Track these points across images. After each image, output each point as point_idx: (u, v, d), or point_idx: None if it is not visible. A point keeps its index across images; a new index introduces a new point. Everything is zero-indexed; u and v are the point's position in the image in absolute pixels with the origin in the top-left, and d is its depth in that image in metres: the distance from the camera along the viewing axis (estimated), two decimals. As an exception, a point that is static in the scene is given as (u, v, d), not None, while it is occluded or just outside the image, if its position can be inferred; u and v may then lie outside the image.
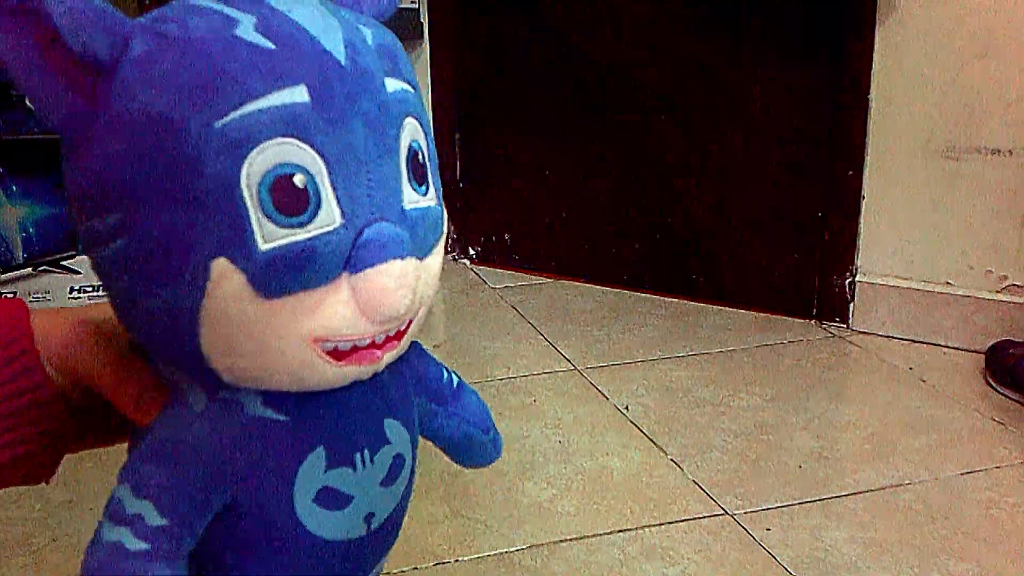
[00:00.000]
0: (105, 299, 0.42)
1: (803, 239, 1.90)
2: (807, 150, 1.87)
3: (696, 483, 1.29)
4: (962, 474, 1.31)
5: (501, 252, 2.33)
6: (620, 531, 1.17)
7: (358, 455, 0.43)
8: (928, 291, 1.77)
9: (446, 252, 2.44)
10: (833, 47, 1.79)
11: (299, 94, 0.36)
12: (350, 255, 0.37)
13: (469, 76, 2.28)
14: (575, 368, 1.69)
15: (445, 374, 0.54)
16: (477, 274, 2.28)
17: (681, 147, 2.02)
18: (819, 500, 1.24)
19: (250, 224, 0.36)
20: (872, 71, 1.74)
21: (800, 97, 1.85)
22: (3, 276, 2.12)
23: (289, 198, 0.36)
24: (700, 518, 1.20)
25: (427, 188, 0.42)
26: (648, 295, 2.10)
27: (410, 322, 0.42)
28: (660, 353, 1.76)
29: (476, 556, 1.13)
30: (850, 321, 1.86)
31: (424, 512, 1.22)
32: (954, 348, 1.75)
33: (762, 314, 1.96)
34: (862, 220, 1.82)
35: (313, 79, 0.37)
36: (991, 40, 1.63)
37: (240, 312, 0.37)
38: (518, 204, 2.28)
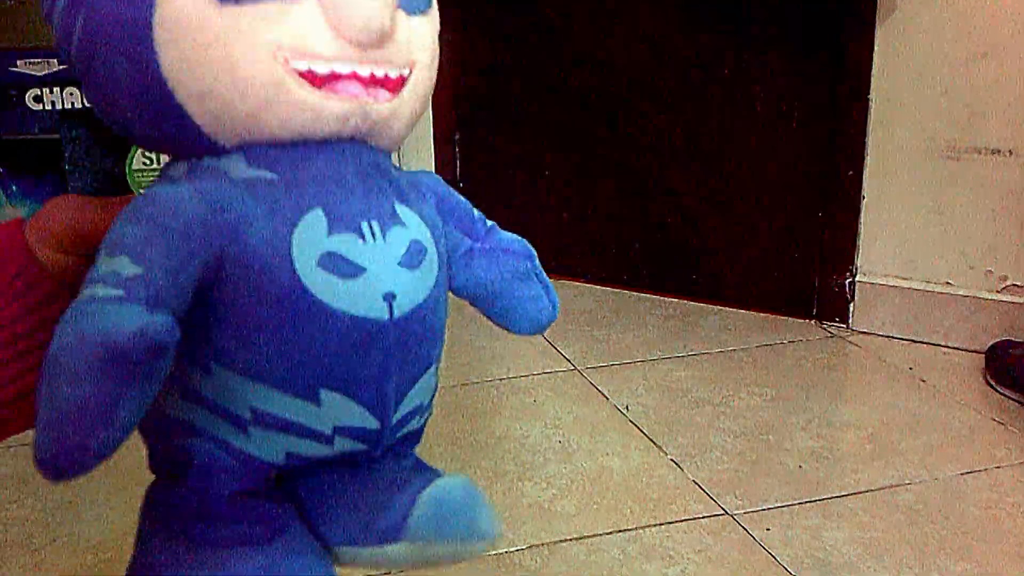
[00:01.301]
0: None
1: (803, 239, 1.90)
2: (807, 150, 1.87)
3: (696, 483, 1.29)
4: (962, 474, 1.31)
5: (501, 252, 2.32)
6: (620, 531, 1.17)
7: (365, 224, 0.41)
8: (928, 291, 1.77)
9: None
10: (833, 47, 1.79)
11: None
12: None
13: (469, 76, 2.28)
14: (575, 368, 1.69)
15: (476, 212, 0.51)
16: (477, 274, 2.28)
17: (681, 147, 2.02)
18: (819, 500, 1.24)
19: None
20: (872, 71, 1.74)
21: (800, 97, 1.85)
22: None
23: None
24: (700, 518, 1.20)
25: None
26: (648, 295, 2.10)
27: (403, 77, 0.42)
28: (660, 353, 1.76)
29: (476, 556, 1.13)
30: (850, 321, 1.86)
31: (424, 512, 1.22)
32: (954, 348, 1.75)
33: (762, 314, 1.96)
34: (862, 220, 1.82)
35: None
36: (991, 40, 1.63)
37: (198, 18, 0.36)
38: (518, 204, 2.28)
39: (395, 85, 0.41)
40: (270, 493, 0.44)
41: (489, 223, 0.51)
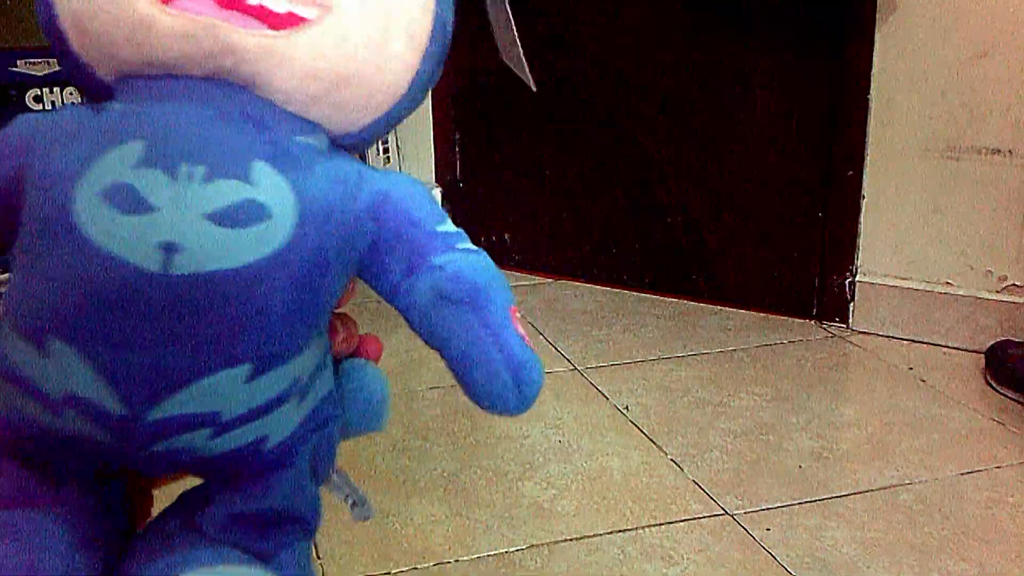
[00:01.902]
0: None
1: (803, 239, 1.90)
2: (807, 150, 1.87)
3: (696, 483, 1.29)
4: (962, 474, 1.31)
5: (501, 252, 2.33)
6: (620, 531, 1.17)
7: (186, 166, 0.35)
8: (928, 291, 1.77)
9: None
10: (833, 47, 1.79)
11: None
12: None
13: (469, 76, 2.28)
14: (575, 368, 1.69)
15: (451, 226, 0.42)
16: (477, 274, 2.29)
17: (681, 147, 2.02)
18: (819, 500, 1.24)
19: None
20: (872, 71, 1.74)
21: (800, 97, 1.85)
22: (3, 276, 2.12)
23: None
24: (700, 518, 1.20)
25: None
26: (648, 295, 2.10)
27: (296, 18, 0.37)
28: (660, 353, 1.76)
29: (476, 556, 1.13)
30: (850, 321, 1.86)
31: (424, 512, 1.22)
32: (954, 348, 1.75)
33: (762, 314, 1.96)
34: (862, 220, 1.82)
35: None
36: (991, 40, 1.63)
37: None
38: (518, 204, 2.28)
39: (279, 21, 0.36)
40: (54, 473, 0.37)
41: (469, 246, 0.41)
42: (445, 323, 0.41)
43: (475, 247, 0.41)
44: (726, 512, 1.22)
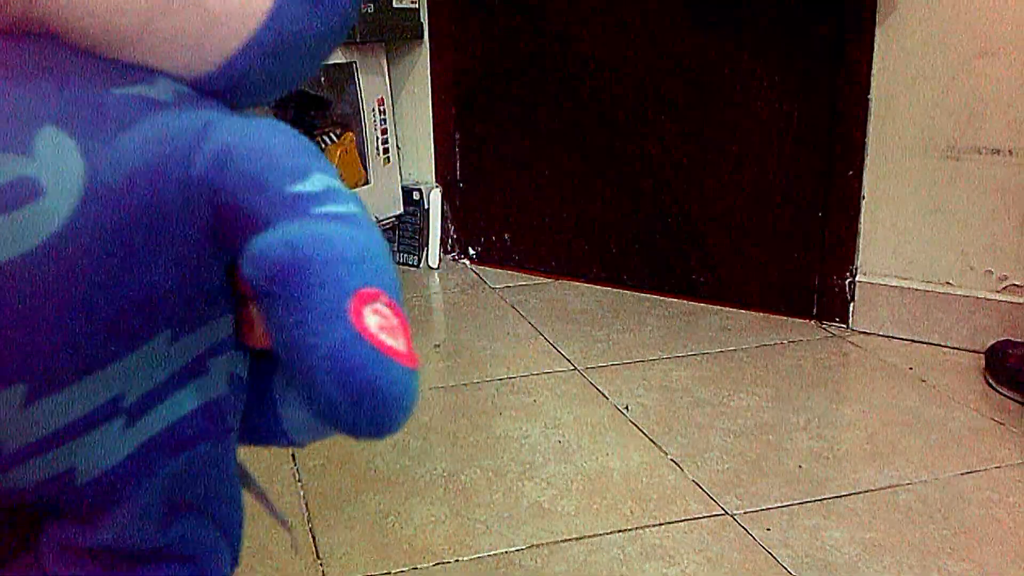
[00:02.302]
0: None
1: (803, 239, 1.90)
2: (807, 150, 1.87)
3: (696, 483, 1.29)
4: (962, 474, 1.31)
5: (501, 252, 2.33)
6: (620, 531, 1.17)
7: None
8: (928, 291, 1.77)
9: (446, 252, 2.45)
10: (833, 47, 1.79)
11: None
12: None
13: (469, 76, 2.28)
14: (575, 368, 1.69)
15: (314, 184, 0.32)
16: (477, 274, 2.28)
17: (681, 147, 2.02)
18: (819, 500, 1.24)
19: None
20: (872, 71, 1.74)
21: (800, 97, 1.85)
22: None
23: None
24: (700, 518, 1.20)
25: None
26: (648, 295, 2.10)
27: None
28: (660, 353, 1.76)
29: (476, 556, 1.13)
30: (850, 321, 1.86)
31: (424, 512, 1.22)
32: (954, 348, 1.75)
33: (762, 314, 1.96)
34: (862, 220, 1.82)
35: None
36: (991, 40, 1.63)
37: None
38: (518, 204, 2.28)
39: None
40: None
41: (331, 209, 0.31)
42: (268, 320, 0.31)
43: (347, 211, 0.31)
44: (726, 512, 1.22)
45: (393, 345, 0.31)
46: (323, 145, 2.22)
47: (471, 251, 2.38)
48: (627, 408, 1.52)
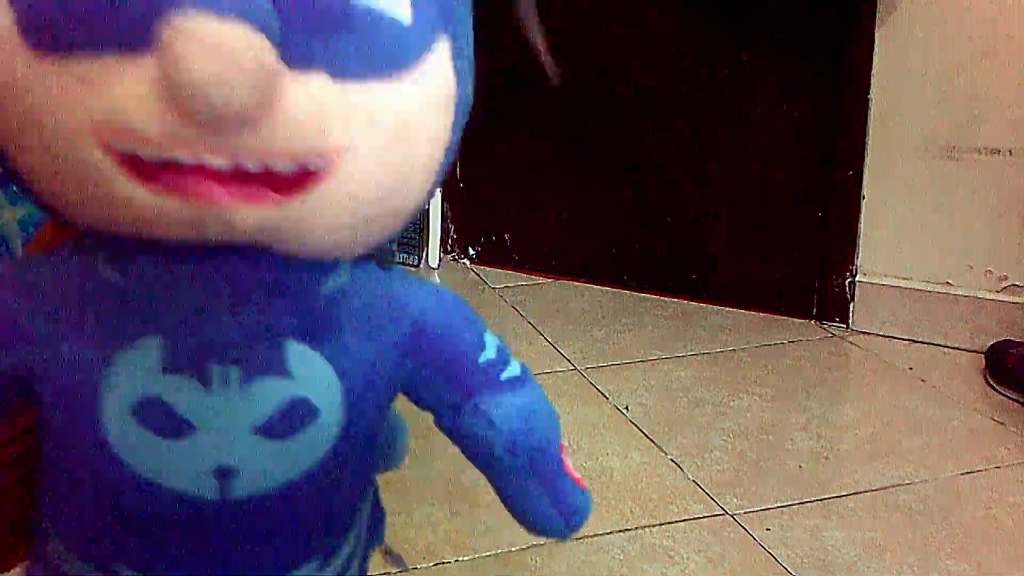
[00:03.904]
0: None
1: (803, 239, 1.90)
2: (807, 150, 1.87)
3: (696, 483, 1.29)
4: (962, 474, 1.30)
5: (501, 252, 2.33)
6: (620, 531, 1.17)
7: (216, 367, 0.30)
8: (928, 291, 1.77)
9: (446, 252, 2.46)
10: (833, 47, 1.79)
11: None
12: (160, 9, 0.25)
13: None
14: (575, 368, 1.69)
15: (492, 350, 0.38)
16: (477, 274, 2.28)
17: (681, 147, 2.02)
18: (819, 500, 1.24)
19: None
20: (872, 71, 1.74)
21: (800, 97, 1.85)
22: None
23: None
24: (700, 518, 1.20)
25: None
26: (648, 295, 2.10)
27: (307, 174, 0.29)
28: (660, 353, 1.76)
29: (476, 556, 1.13)
30: (850, 321, 1.86)
31: (424, 512, 1.22)
32: (954, 348, 1.75)
33: (762, 314, 1.96)
34: (862, 220, 1.82)
35: None
36: (991, 40, 1.63)
37: (7, 68, 0.27)
38: (518, 204, 2.28)
39: (288, 183, 0.29)
40: None
41: (513, 370, 0.38)
42: (499, 478, 0.42)
43: (517, 371, 0.39)
44: (726, 512, 1.22)
45: (579, 477, 0.42)
46: (323, 145, 2.21)
47: (471, 251, 2.37)
48: (627, 408, 1.52)
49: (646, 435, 1.43)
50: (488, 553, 1.13)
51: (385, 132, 0.30)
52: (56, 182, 0.28)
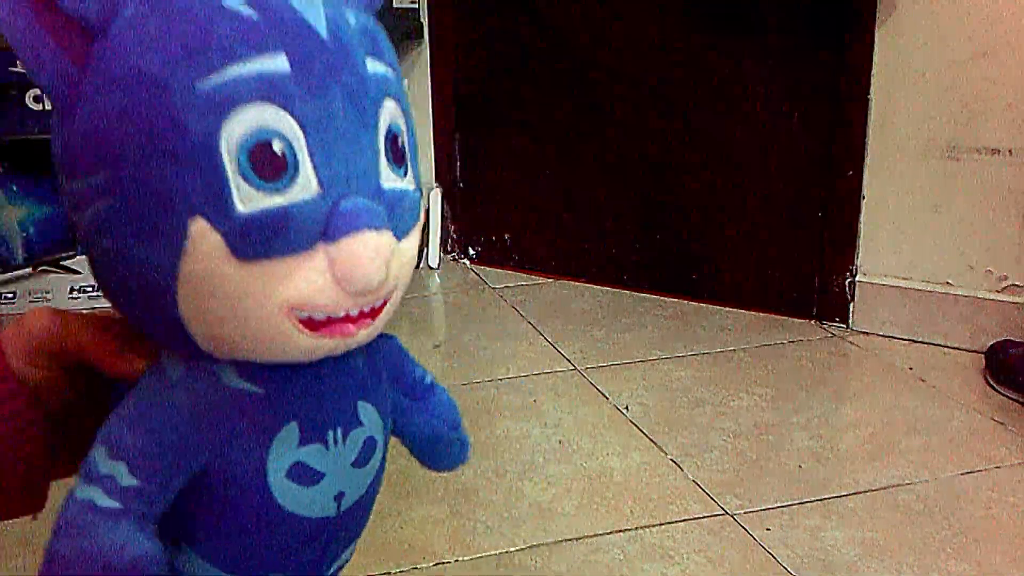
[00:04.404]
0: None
1: (803, 239, 1.90)
2: (807, 150, 1.87)
3: (696, 483, 1.29)
4: (962, 474, 1.31)
5: (501, 252, 2.33)
6: (620, 531, 1.17)
7: (330, 433, 0.44)
8: (928, 291, 1.77)
9: (446, 252, 2.45)
10: (833, 47, 1.79)
11: (280, 62, 0.37)
12: (327, 225, 0.37)
13: (469, 76, 2.28)
14: (575, 368, 1.69)
15: (419, 371, 0.55)
16: (477, 274, 2.28)
17: (681, 147, 2.02)
18: (819, 500, 1.24)
19: (228, 185, 0.36)
20: (872, 71, 1.74)
21: (800, 97, 1.85)
22: (3, 276, 2.12)
23: (267, 162, 0.37)
24: (700, 518, 1.20)
25: (406, 171, 0.43)
26: (648, 295, 2.10)
27: (385, 302, 0.42)
28: (660, 353, 1.76)
29: (476, 556, 1.13)
30: (850, 321, 1.86)
31: (424, 512, 1.22)
32: (954, 348, 1.75)
33: (762, 314, 1.96)
34: (862, 220, 1.82)
35: (294, 48, 0.37)
36: (991, 40, 1.63)
37: (217, 274, 0.37)
38: (518, 204, 2.28)
39: (378, 312, 0.42)
40: None
41: (429, 379, 0.55)
42: (439, 451, 0.59)
43: (433, 378, 0.57)
44: (726, 512, 1.22)
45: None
46: (323, 145, 2.21)
47: (471, 251, 2.38)
48: (627, 408, 1.52)
49: (646, 435, 1.43)
50: (488, 553, 1.13)
51: (409, 269, 0.44)
52: (242, 343, 0.40)
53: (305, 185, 0.37)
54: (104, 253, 0.39)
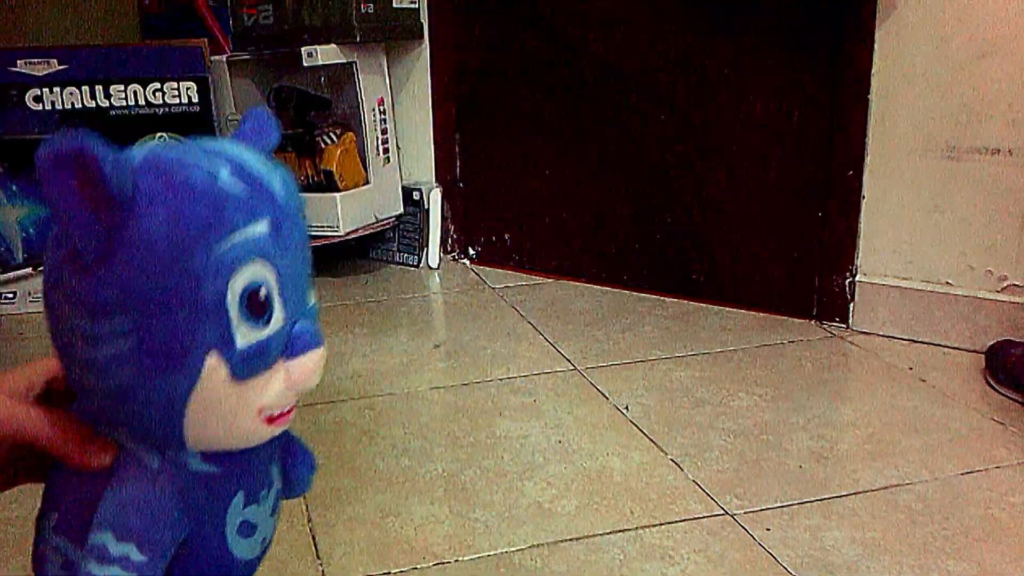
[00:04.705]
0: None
1: (803, 239, 1.90)
2: (807, 150, 1.87)
3: (696, 483, 1.29)
4: (962, 474, 1.31)
5: (501, 252, 2.33)
6: (620, 531, 1.17)
7: (262, 493, 0.55)
8: (928, 291, 1.77)
9: (446, 252, 2.45)
10: (833, 47, 1.79)
11: (263, 225, 0.48)
12: (287, 346, 0.50)
13: (469, 76, 2.28)
14: (575, 368, 1.69)
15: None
16: (477, 274, 2.29)
17: (681, 147, 2.02)
18: (819, 500, 1.24)
19: (233, 327, 0.47)
20: (872, 71, 1.74)
21: (800, 97, 1.85)
22: (3, 276, 2.12)
23: (256, 306, 0.48)
24: (700, 518, 1.20)
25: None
26: (648, 295, 2.10)
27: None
28: (660, 353, 1.76)
29: (476, 556, 1.13)
30: (850, 321, 1.87)
31: (424, 512, 1.22)
32: (954, 348, 1.75)
33: (762, 314, 1.96)
34: (862, 220, 1.82)
35: (270, 213, 0.49)
36: (991, 40, 1.63)
37: (220, 394, 0.48)
38: (518, 204, 2.28)
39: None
40: None
41: (293, 436, 0.64)
42: (298, 485, 0.64)
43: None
44: (726, 512, 1.22)
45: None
46: (323, 145, 2.22)
47: (471, 251, 2.38)
48: (627, 408, 1.52)
49: (646, 435, 1.43)
50: (488, 553, 1.13)
51: None
52: (224, 441, 0.50)
53: (277, 318, 0.49)
54: (121, 384, 0.47)
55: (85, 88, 2.07)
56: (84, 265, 0.46)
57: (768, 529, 1.17)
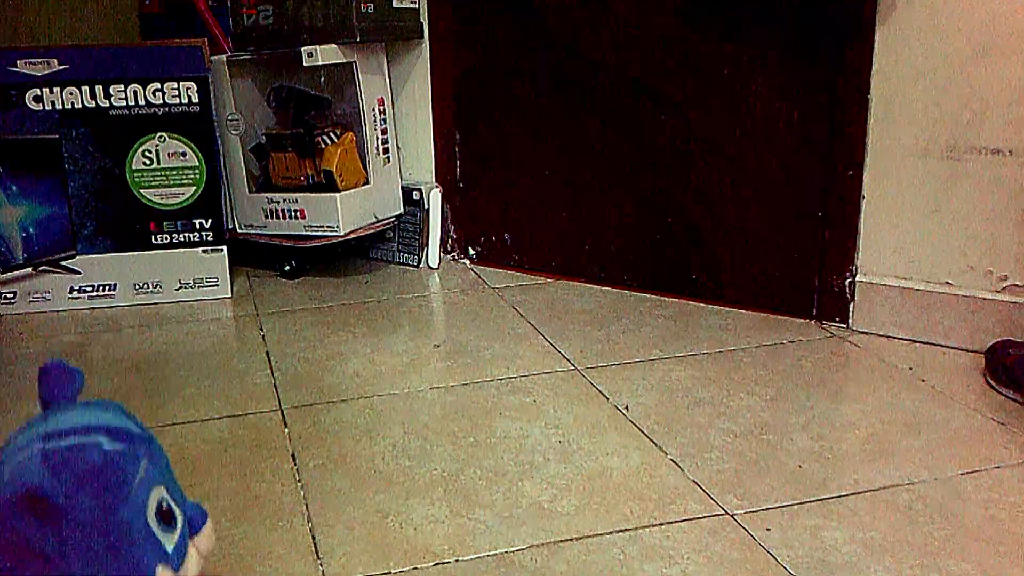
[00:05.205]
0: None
1: (803, 239, 1.90)
2: (807, 150, 1.87)
3: (696, 483, 1.29)
4: (962, 474, 1.31)
5: (501, 252, 2.33)
6: (620, 531, 1.17)
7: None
8: (928, 291, 1.77)
9: (446, 252, 2.45)
10: (833, 47, 1.79)
11: (145, 460, 0.70)
12: (191, 530, 0.73)
13: (469, 76, 2.28)
14: (575, 368, 1.69)
15: None
16: (477, 274, 2.29)
17: (681, 147, 2.02)
18: (819, 500, 1.24)
19: (161, 541, 0.70)
20: (872, 71, 1.74)
21: (800, 97, 1.85)
22: (3, 276, 2.12)
23: (167, 517, 0.70)
24: (700, 518, 1.20)
25: None
26: (648, 295, 2.10)
27: None
28: (660, 353, 1.76)
29: (476, 556, 1.13)
30: (850, 321, 1.86)
31: (424, 512, 1.22)
32: (954, 348, 1.75)
33: (762, 314, 1.96)
34: (862, 220, 1.82)
35: (145, 448, 0.71)
36: (991, 40, 1.63)
37: None
38: (518, 204, 2.28)
39: None
40: None
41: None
42: None
43: None
44: (726, 512, 1.22)
45: None
46: (323, 145, 2.22)
47: (471, 251, 2.38)
48: (627, 408, 1.52)
49: (646, 435, 1.43)
50: (488, 553, 1.13)
51: None
52: None
53: (179, 517, 0.72)
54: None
55: (85, 88, 2.07)
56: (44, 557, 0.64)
57: (768, 529, 1.17)
